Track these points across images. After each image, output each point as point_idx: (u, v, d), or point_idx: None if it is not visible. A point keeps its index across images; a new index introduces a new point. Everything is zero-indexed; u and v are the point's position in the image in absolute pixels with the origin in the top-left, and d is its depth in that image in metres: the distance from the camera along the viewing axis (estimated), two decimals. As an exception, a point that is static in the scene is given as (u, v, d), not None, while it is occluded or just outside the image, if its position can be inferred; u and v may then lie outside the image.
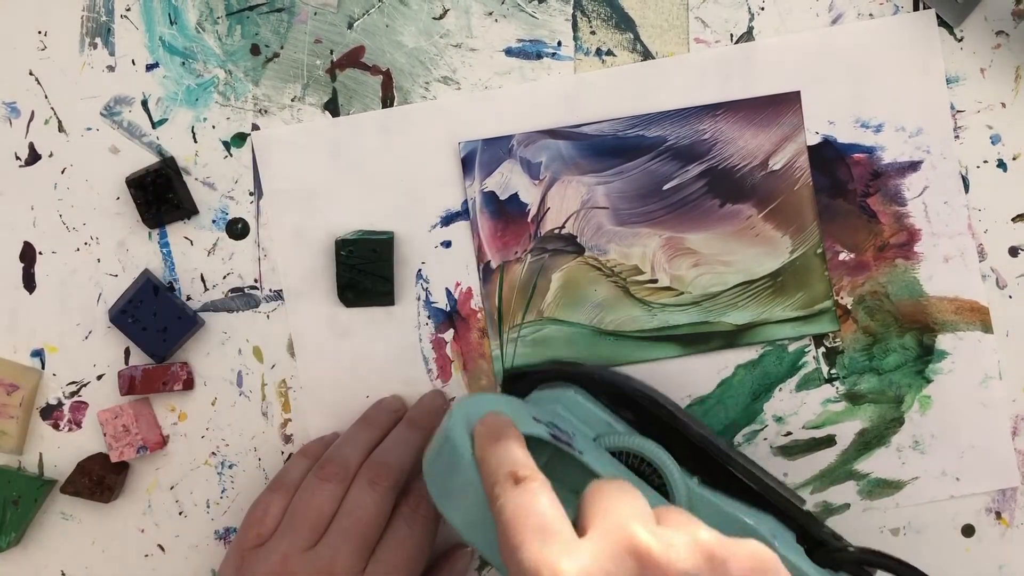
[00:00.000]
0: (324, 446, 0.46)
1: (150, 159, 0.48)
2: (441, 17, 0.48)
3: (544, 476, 0.34)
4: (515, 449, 0.36)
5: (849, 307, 0.48)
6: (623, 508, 0.33)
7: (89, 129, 0.48)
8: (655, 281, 0.48)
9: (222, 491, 0.48)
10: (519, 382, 0.45)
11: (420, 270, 0.48)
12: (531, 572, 0.30)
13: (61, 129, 0.48)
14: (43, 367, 0.48)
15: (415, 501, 0.44)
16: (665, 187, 0.48)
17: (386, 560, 0.42)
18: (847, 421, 0.48)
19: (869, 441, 0.48)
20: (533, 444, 0.38)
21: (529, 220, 0.48)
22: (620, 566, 0.30)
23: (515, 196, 0.48)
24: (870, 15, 0.47)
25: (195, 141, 0.48)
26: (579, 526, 0.33)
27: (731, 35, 0.48)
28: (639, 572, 0.30)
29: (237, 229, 0.48)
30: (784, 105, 0.47)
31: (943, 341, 0.48)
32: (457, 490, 0.36)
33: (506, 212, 0.48)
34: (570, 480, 0.39)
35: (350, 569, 0.41)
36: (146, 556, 0.48)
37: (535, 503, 0.33)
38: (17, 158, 0.48)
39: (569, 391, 0.41)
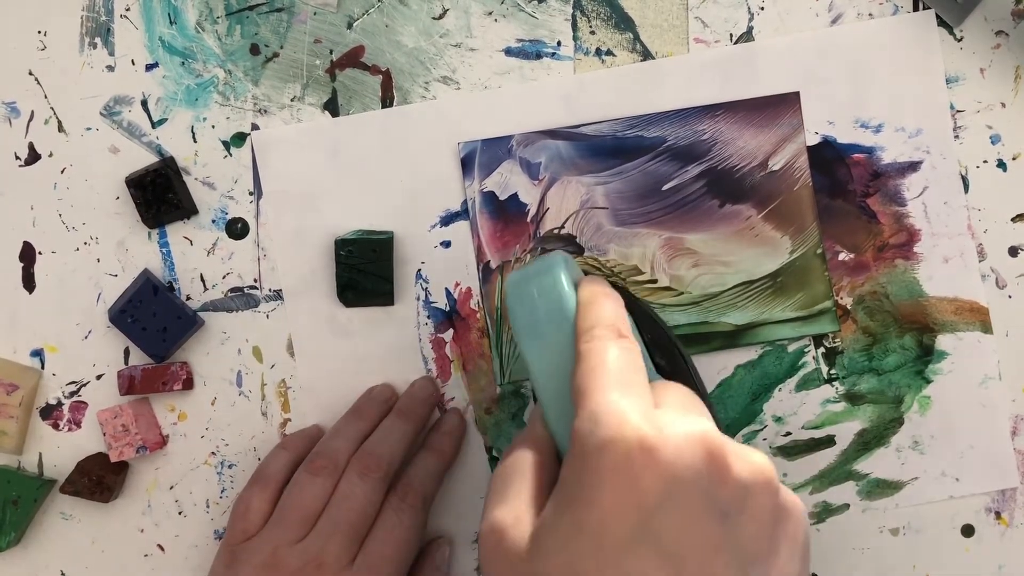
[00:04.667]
0: (304, 439, 0.47)
1: (150, 159, 0.48)
2: (441, 17, 0.48)
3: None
4: (622, 310, 0.36)
5: (849, 307, 0.48)
6: (698, 408, 0.34)
7: (89, 129, 0.48)
8: (655, 281, 0.48)
9: (222, 491, 0.48)
10: None
11: (420, 270, 0.48)
12: (604, 414, 0.31)
13: (61, 129, 0.48)
14: (43, 367, 0.48)
15: (403, 491, 0.44)
16: (664, 187, 0.48)
17: (375, 551, 0.42)
18: (847, 421, 0.48)
19: (868, 441, 0.48)
20: None
21: (528, 220, 0.48)
22: (690, 449, 0.31)
23: (514, 196, 0.48)
24: (870, 15, 0.47)
25: (195, 141, 0.48)
26: None
27: (731, 35, 0.48)
28: (706, 462, 0.31)
29: (237, 229, 0.48)
30: (784, 105, 0.47)
31: (943, 341, 0.48)
32: (544, 323, 0.36)
33: (506, 212, 0.48)
34: None
35: (339, 559, 0.41)
36: (146, 556, 0.48)
37: (629, 360, 0.34)
38: (17, 158, 0.48)
39: None
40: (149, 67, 0.48)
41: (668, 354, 0.41)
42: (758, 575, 0.32)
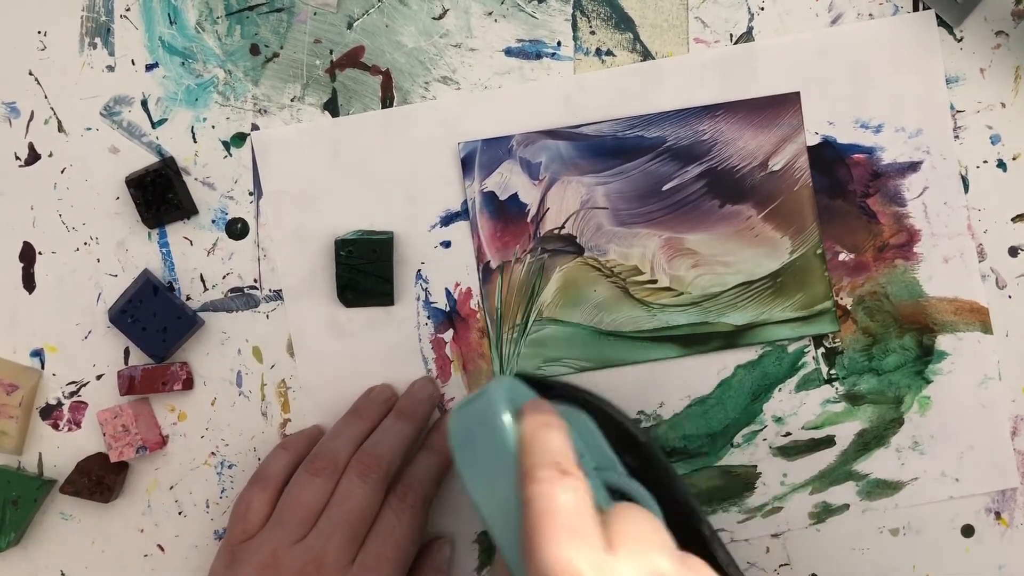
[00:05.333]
0: (304, 439, 0.47)
1: (150, 159, 0.48)
2: (441, 17, 0.48)
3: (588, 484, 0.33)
4: (565, 442, 0.34)
5: (849, 308, 0.48)
6: (653, 537, 0.32)
7: (89, 129, 0.48)
8: (655, 281, 0.48)
9: (222, 491, 0.48)
10: (532, 387, 0.44)
11: (420, 270, 0.48)
12: (552, 570, 0.30)
13: (61, 129, 0.48)
14: (43, 367, 0.48)
15: (403, 492, 0.44)
16: (665, 188, 0.48)
17: (374, 551, 0.42)
18: (846, 422, 0.48)
19: (868, 442, 0.48)
20: None
21: (529, 220, 0.48)
22: None
23: (515, 196, 0.48)
24: (870, 15, 0.47)
25: (195, 141, 0.48)
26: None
27: (731, 35, 0.48)
28: None
29: (237, 229, 0.48)
30: (784, 106, 0.47)
31: (943, 342, 0.48)
32: (489, 465, 0.35)
33: (506, 212, 0.48)
34: None
35: (339, 559, 0.41)
36: (146, 556, 0.48)
37: (575, 504, 0.32)
38: (17, 158, 0.48)
39: (583, 415, 0.40)
40: (149, 67, 0.48)
41: (634, 450, 0.41)
42: None
